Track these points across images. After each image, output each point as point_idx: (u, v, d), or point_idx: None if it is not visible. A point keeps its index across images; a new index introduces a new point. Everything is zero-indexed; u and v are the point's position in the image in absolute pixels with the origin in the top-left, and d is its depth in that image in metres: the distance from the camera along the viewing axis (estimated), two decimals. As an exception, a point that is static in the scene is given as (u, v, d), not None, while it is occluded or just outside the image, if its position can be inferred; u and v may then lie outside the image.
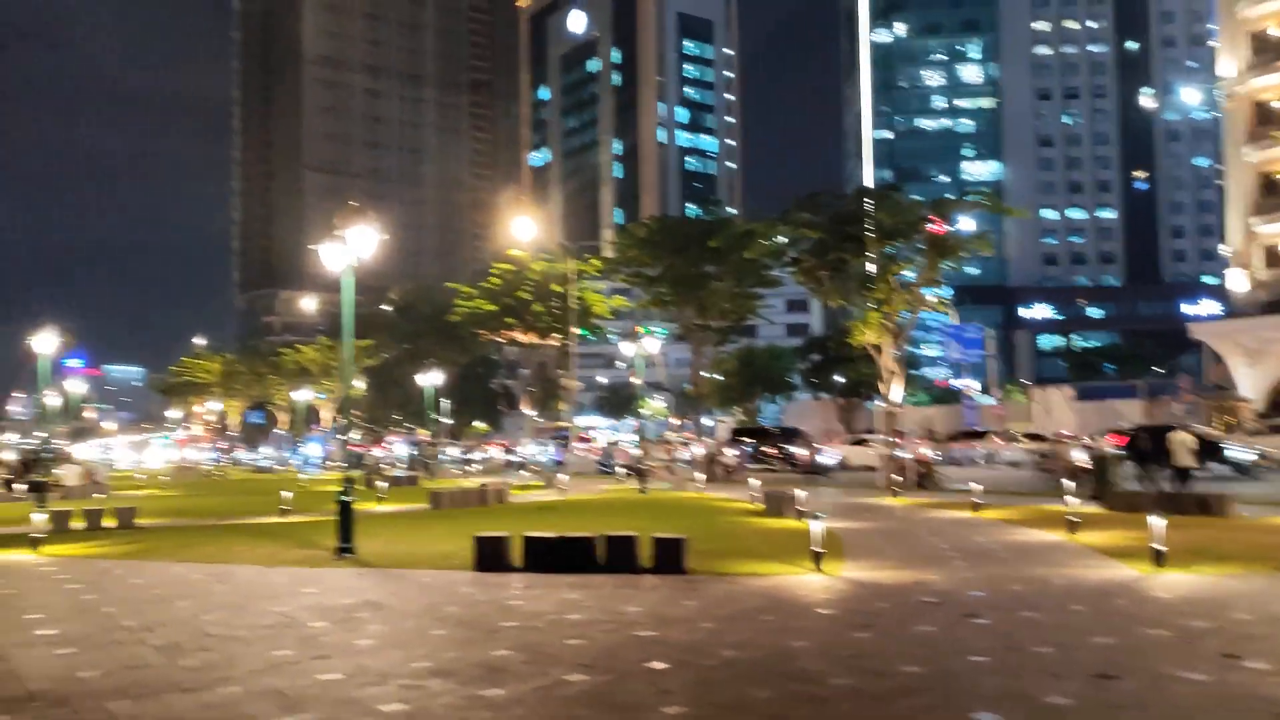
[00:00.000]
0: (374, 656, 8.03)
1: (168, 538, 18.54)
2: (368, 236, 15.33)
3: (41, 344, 30.46)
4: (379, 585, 12.09)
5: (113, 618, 10.06)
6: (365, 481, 35.36)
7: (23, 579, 13.32)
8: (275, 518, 22.55)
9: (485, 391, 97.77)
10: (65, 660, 8.08)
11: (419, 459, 54.61)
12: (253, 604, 10.80)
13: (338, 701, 6.65)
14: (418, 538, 17.65)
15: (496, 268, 61.16)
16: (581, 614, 9.79)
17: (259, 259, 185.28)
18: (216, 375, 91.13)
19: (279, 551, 15.72)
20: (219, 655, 8.19)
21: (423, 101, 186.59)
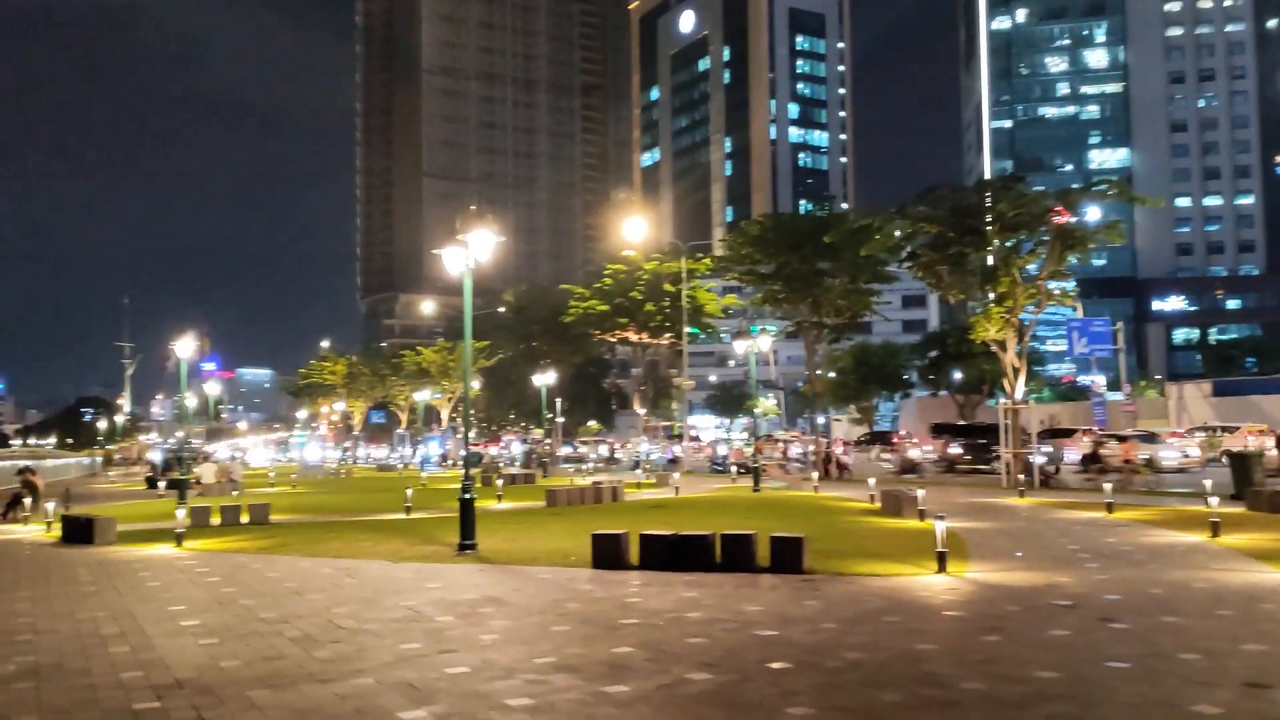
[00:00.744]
0: (499, 651, 8.15)
1: (299, 533, 19.23)
2: (486, 240, 15.60)
3: (182, 349, 31.97)
4: (500, 581, 12.29)
5: (250, 610, 10.48)
6: (483, 479, 36.13)
7: (167, 572, 14.00)
8: (399, 515, 23.18)
9: (598, 391, 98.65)
10: (208, 650, 8.45)
11: (534, 457, 55.49)
12: (381, 598, 11.10)
13: (466, 694, 6.76)
14: (536, 535, 17.88)
15: (609, 268, 61.65)
16: (701, 612, 9.75)
17: (380, 264, 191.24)
18: (341, 377, 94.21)
19: (404, 547, 16.14)
20: (351, 647, 8.44)
21: (536, 106, 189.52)
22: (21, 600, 11.49)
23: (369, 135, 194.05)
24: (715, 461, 46.71)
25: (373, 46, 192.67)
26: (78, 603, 11.25)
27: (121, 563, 15.15)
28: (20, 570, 14.49)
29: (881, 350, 73.98)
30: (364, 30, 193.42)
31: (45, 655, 8.36)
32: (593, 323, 62.40)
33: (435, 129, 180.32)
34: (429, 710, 6.39)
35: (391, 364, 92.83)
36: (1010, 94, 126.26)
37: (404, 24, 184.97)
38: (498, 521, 20.46)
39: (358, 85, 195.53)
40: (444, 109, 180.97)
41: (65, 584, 12.90)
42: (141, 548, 17.20)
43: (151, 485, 42.00)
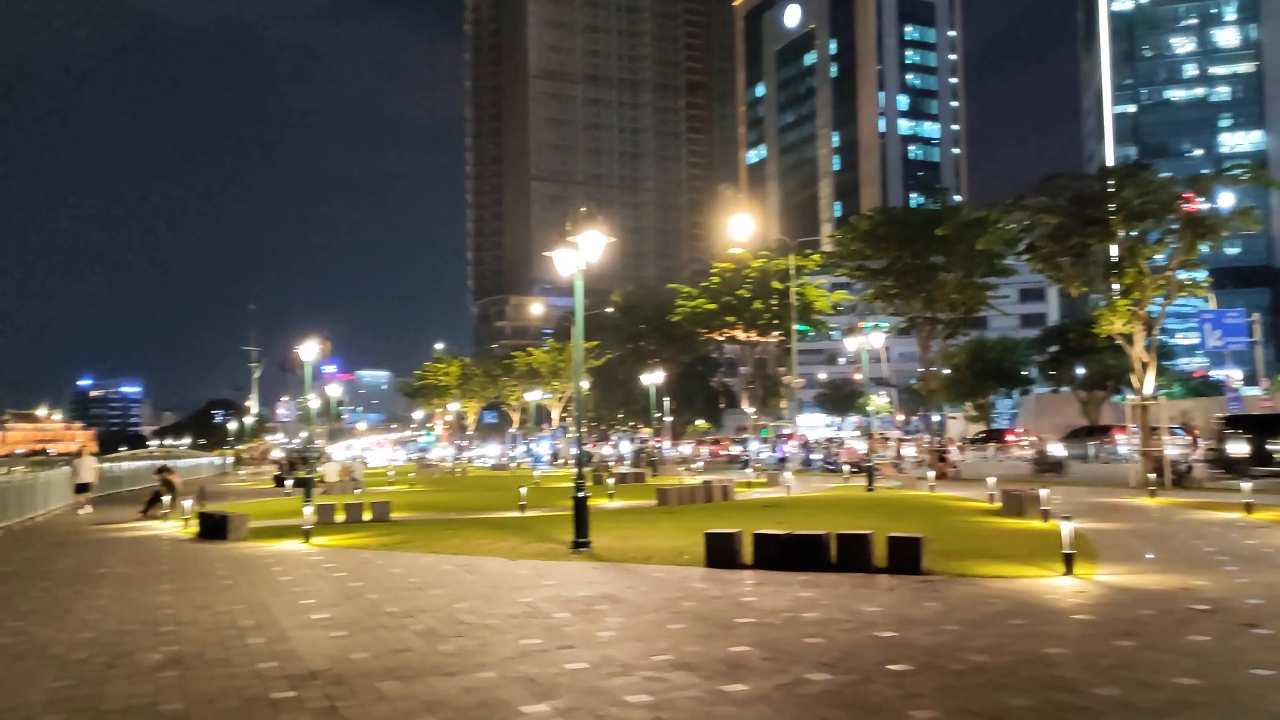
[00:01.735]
0: (616, 648, 8.22)
1: (419, 531, 19.74)
2: (596, 241, 15.74)
3: (306, 352, 33.17)
4: (615, 579, 12.39)
5: (376, 604, 10.81)
6: (593, 478, 36.48)
7: (297, 567, 14.55)
8: (513, 513, 23.59)
9: (706, 390, 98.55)
10: (339, 642, 8.75)
11: (644, 456, 55.72)
12: (499, 594, 11.32)
13: (586, 690, 6.85)
14: (648, 533, 17.96)
15: (716, 266, 61.49)
16: (817, 612, 9.65)
17: (490, 267, 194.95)
18: (455, 378, 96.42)
19: (520, 545, 16.42)
20: (473, 642, 8.63)
21: (641, 107, 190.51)
22: (164, 593, 12.10)
23: (478, 141, 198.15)
24: (827, 461, 46.11)
25: (481, 54, 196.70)
26: (215, 595, 11.79)
27: (254, 557, 15.82)
28: (162, 564, 15.26)
29: (998, 346, 72.01)
30: (473, 38, 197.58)
31: (188, 645, 8.79)
32: (700, 321, 62.37)
33: (542, 132, 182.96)
34: (551, 705, 6.49)
35: (503, 365, 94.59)
36: (1133, 77, 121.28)
37: (511, 30, 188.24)
38: (610, 520, 20.63)
39: (467, 92, 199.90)
40: (551, 113, 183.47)
41: (203, 577, 13.53)
42: (272, 543, 17.92)
43: (279, 484, 43.69)
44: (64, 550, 17.67)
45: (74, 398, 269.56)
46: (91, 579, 13.57)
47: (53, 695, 7.08)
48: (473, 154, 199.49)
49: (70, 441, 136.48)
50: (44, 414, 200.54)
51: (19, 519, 23.29)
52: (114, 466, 43.95)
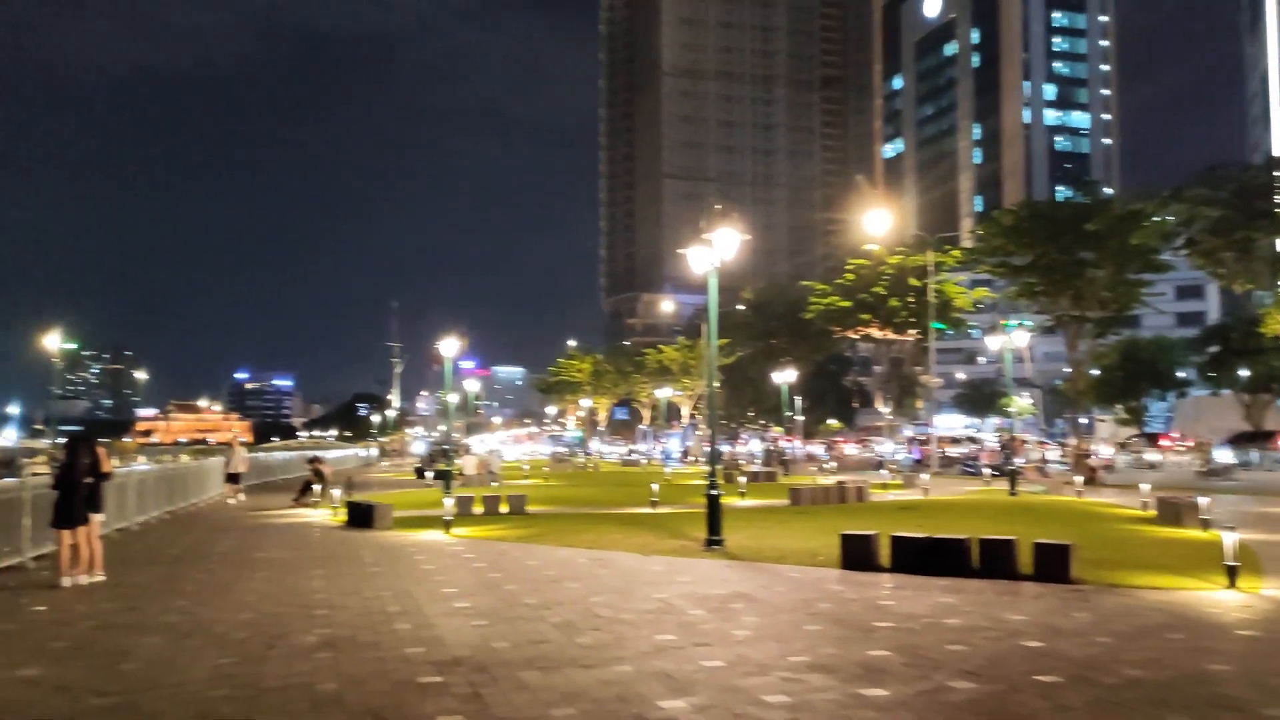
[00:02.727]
0: (752, 647, 8.18)
1: (554, 524, 20.10)
2: (731, 238, 15.69)
3: (446, 348, 34.21)
4: (748, 578, 12.33)
5: (515, 595, 11.06)
6: (724, 476, 36.40)
7: (438, 556, 15.01)
8: (645, 509, 23.75)
9: (838, 389, 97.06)
10: (480, 631, 8.98)
11: (775, 454, 55.29)
12: (634, 589, 11.42)
13: (722, 688, 6.84)
14: (781, 533, 17.82)
15: (851, 263, 60.39)
16: (960, 619, 9.38)
17: (622, 265, 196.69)
18: (587, 375, 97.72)
19: (653, 541, 16.52)
20: (609, 635, 8.73)
21: (774, 102, 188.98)
22: (316, 578, 12.66)
23: (612, 139, 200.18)
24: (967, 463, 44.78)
25: (615, 53, 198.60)
26: (363, 582, 12.27)
27: (398, 546, 16.39)
28: (313, 550, 15.98)
29: (1152, 345, 68.50)
30: (607, 38, 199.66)
31: (340, 629, 9.18)
32: (833, 319, 61.39)
33: (675, 130, 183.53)
34: (688, 701, 6.50)
35: (634, 362, 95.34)
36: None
37: (645, 29, 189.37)
38: (742, 518, 20.54)
39: (601, 91, 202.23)
40: (683, 110, 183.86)
41: (351, 564, 14.10)
42: (414, 533, 18.54)
43: (419, 475, 45.20)
44: (224, 535, 18.68)
45: (231, 390, 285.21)
46: (249, 562, 14.31)
47: (217, 672, 7.50)
48: (606, 152, 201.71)
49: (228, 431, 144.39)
50: (204, 405, 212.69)
51: (183, 504, 24.74)
52: (266, 456, 46.25)
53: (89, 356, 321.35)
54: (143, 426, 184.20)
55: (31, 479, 14.62)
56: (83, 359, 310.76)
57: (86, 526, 12.35)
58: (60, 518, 12.21)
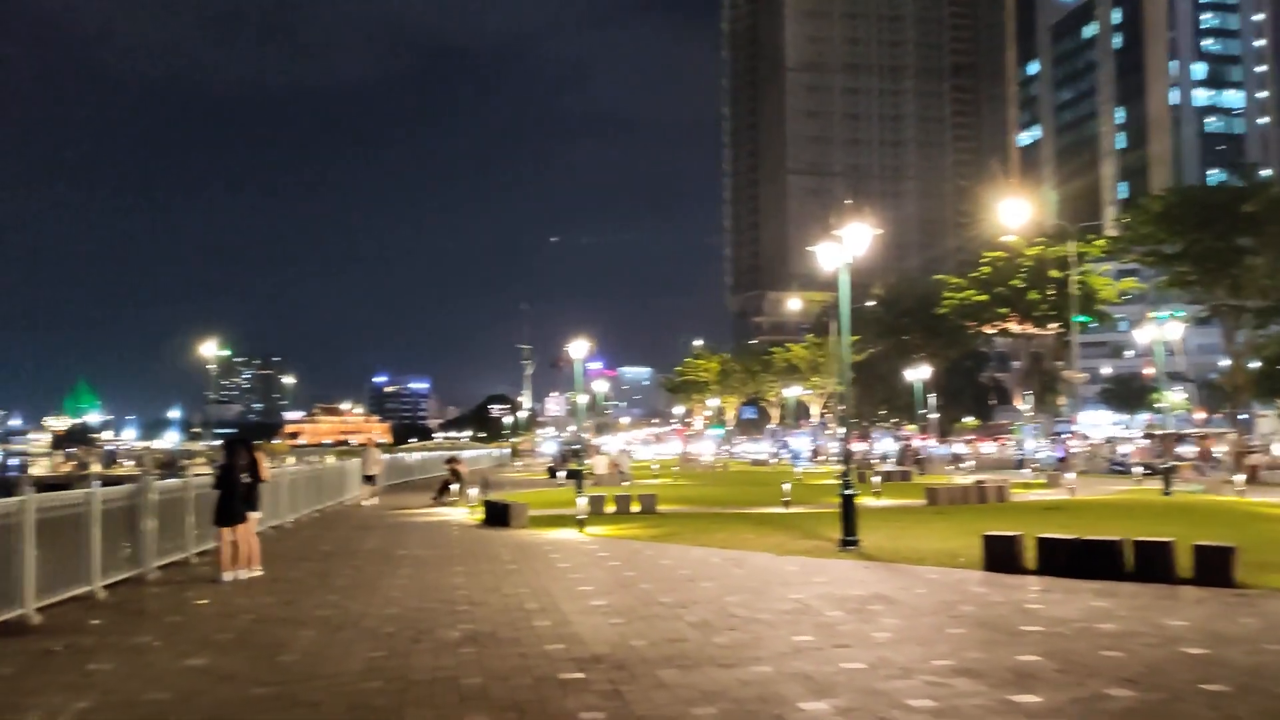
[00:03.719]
0: (893, 650, 8.01)
1: (685, 523, 20.14)
2: (862, 234, 15.41)
3: (575, 350, 34.72)
4: (886, 579, 12.08)
5: (650, 594, 11.12)
6: (858, 476, 35.76)
7: (573, 555, 15.24)
8: (777, 509, 23.56)
9: (974, 385, 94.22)
10: (617, 629, 9.07)
11: (909, 453, 54.07)
12: (769, 589, 11.33)
13: (864, 691, 6.71)
14: (918, 533, 17.42)
15: (986, 255, 58.56)
16: (1114, 624, 8.97)
17: (747, 263, 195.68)
18: (714, 374, 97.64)
19: (786, 541, 16.37)
20: (747, 635, 8.68)
21: (902, 93, 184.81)
22: (457, 574, 13.02)
23: (735, 137, 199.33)
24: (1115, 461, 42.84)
25: (738, 50, 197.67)
26: (502, 579, 12.55)
27: (534, 544, 16.71)
28: (453, 548, 16.43)
29: (1318, 335, 64.14)
30: (730, 36, 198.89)
31: (482, 624, 9.41)
32: (969, 314, 59.66)
33: (799, 125, 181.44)
34: (830, 703, 6.41)
35: (762, 360, 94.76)
36: None
37: (768, 25, 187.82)
38: (877, 518, 20.14)
39: (724, 89, 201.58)
40: (808, 105, 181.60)
41: (490, 561, 14.44)
42: (549, 531, 18.86)
43: (552, 475, 45.98)
44: (369, 533, 19.41)
45: (371, 393, 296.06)
46: (393, 559, 14.82)
47: (369, 664, 7.79)
48: (729, 151, 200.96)
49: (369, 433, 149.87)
50: (346, 408, 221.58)
51: (330, 503, 25.81)
52: (405, 456, 47.85)
53: (240, 363, 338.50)
54: (290, 429, 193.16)
55: (194, 479, 15.49)
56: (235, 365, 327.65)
57: (245, 524, 13.02)
58: (221, 516, 12.92)
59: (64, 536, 10.69)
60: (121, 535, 12.36)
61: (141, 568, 12.72)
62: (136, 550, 12.71)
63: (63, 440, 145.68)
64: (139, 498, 12.84)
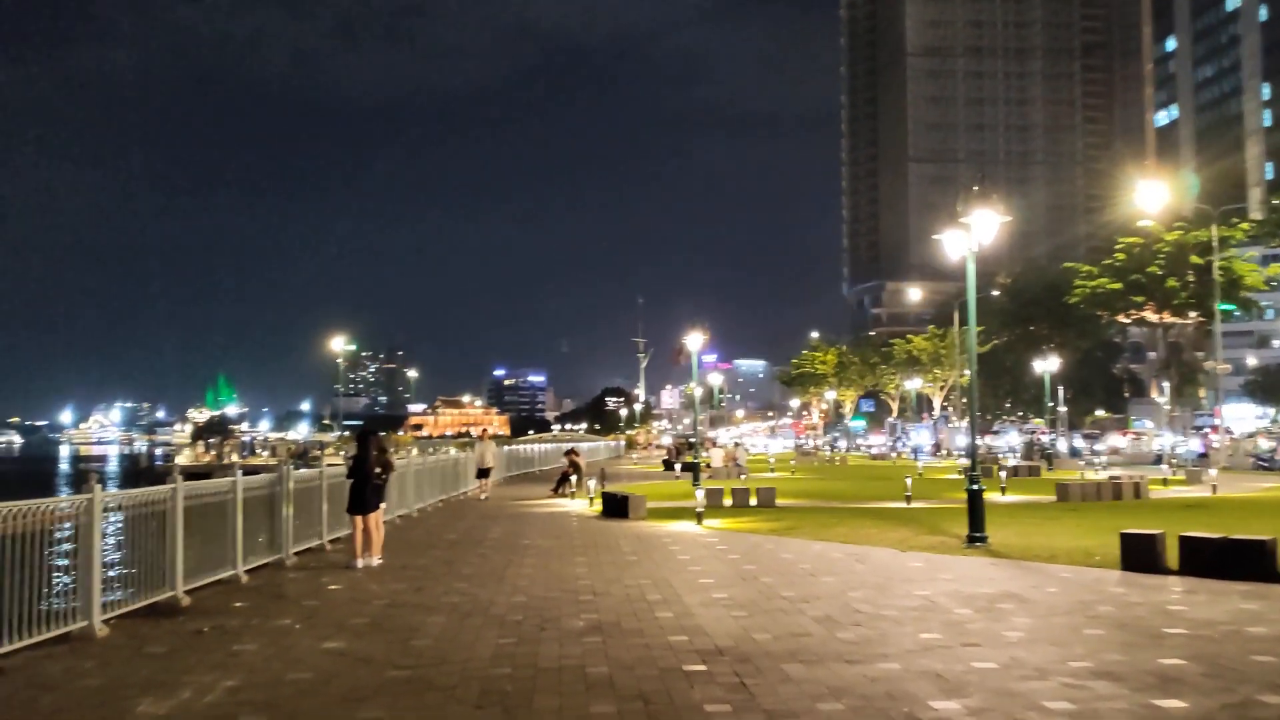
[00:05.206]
0: (1026, 650, 7.76)
1: (805, 517, 19.93)
2: (989, 221, 14.94)
3: (691, 343, 34.67)
4: (1016, 577, 11.72)
5: (771, 588, 11.05)
6: (983, 471, 34.76)
7: (692, 547, 15.25)
8: (898, 503, 23.11)
9: (1106, 377, 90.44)
10: (740, 622, 9.04)
11: (1037, 448, 52.31)
12: (893, 585, 11.12)
13: (997, 691, 6.53)
14: (1049, 530, 16.84)
15: (1120, 241, 56.11)
16: (1266, 627, 8.50)
17: (866, 254, 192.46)
18: (831, 366, 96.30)
19: (909, 536, 16.03)
20: (872, 631, 8.55)
21: (1029, 75, 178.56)
22: (580, 565, 13.19)
23: (854, 126, 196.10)
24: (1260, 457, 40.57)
25: (857, 38, 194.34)
26: (623, 570, 12.66)
27: (653, 536, 16.80)
28: (574, 539, 16.65)
29: None
30: (848, 23, 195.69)
31: (605, 614, 9.51)
32: (1101, 302, 57.32)
33: (920, 112, 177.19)
34: (961, 703, 6.25)
35: (880, 352, 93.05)
36: None
37: (888, 11, 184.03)
38: (1005, 514, 19.55)
39: (843, 78, 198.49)
40: (929, 91, 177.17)
41: (610, 552, 14.58)
42: (667, 524, 18.92)
43: (668, 467, 46.10)
44: (492, 522, 19.83)
45: (491, 386, 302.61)
46: (517, 549, 15.11)
47: (498, 650, 7.96)
48: (848, 140, 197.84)
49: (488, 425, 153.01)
50: (467, 400, 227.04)
51: (454, 493, 26.48)
52: (523, 448, 48.70)
53: (367, 357, 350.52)
54: (414, 421, 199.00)
55: (327, 469, 16.09)
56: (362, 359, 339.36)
57: (375, 513, 13.47)
58: (354, 504, 13.40)
59: (209, 523, 11.25)
60: (261, 522, 12.95)
61: (280, 553, 13.30)
62: (274, 536, 13.29)
63: (203, 431, 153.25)
64: (277, 486, 13.41)
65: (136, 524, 9.84)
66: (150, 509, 10.02)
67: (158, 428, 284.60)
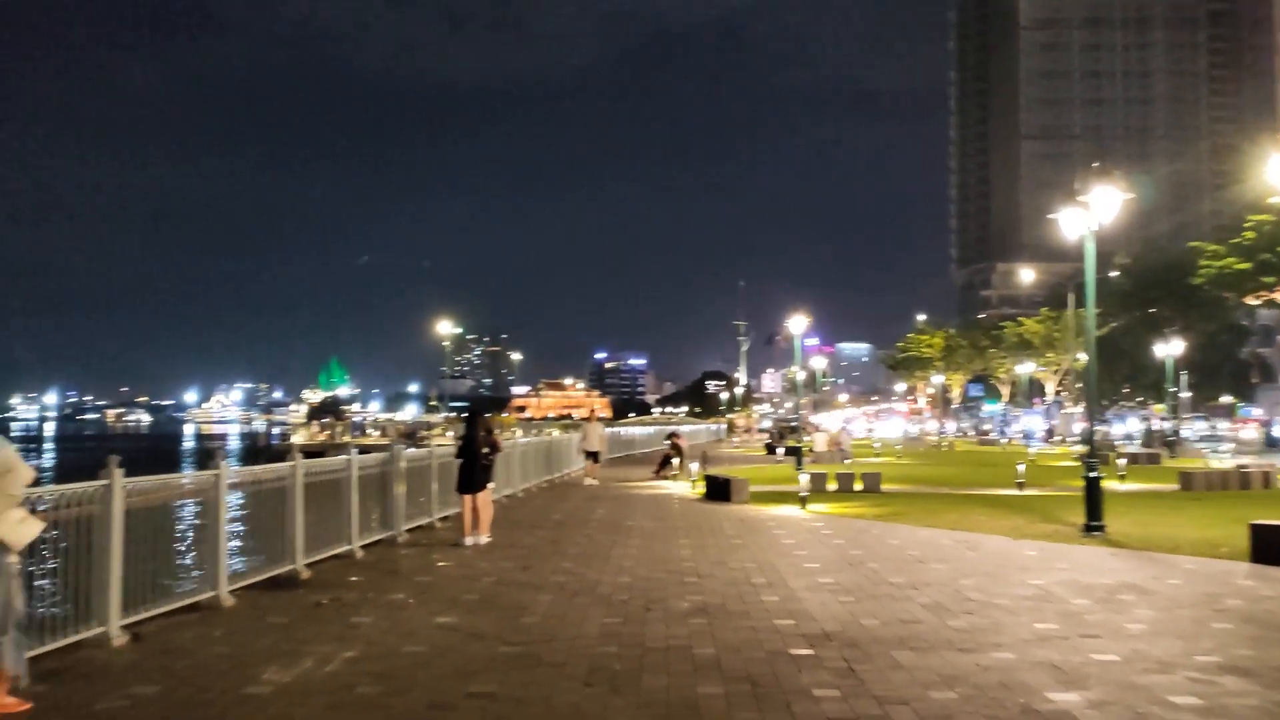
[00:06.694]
0: (1149, 643, 7.48)
1: (911, 503, 19.59)
2: (1111, 198, 14.37)
3: (794, 326, 34.36)
4: (1137, 568, 11.31)
5: (878, 573, 10.90)
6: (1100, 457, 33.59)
7: (796, 531, 15.14)
8: (1009, 490, 22.50)
9: (1233, 362, 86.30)
10: (847, 607, 8.94)
11: (1158, 435, 50.35)
12: (1006, 574, 10.85)
13: (1119, 684, 6.31)
14: (1172, 520, 16.22)
15: (1251, 219, 53.32)
16: None
17: (975, 234, 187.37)
18: (938, 350, 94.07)
19: (1022, 524, 15.61)
20: (984, 620, 8.35)
21: (1151, 46, 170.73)
22: (684, 547, 13.22)
23: (963, 104, 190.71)
24: None
25: (966, 12, 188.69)
26: (727, 553, 12.64)
27: (756, 520, 16.74)
28: (677, 521, 16.70)
29: None
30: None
31: (710, 596, 9.51)
32: (1228, 283, 54.38)
33: (1034, 87, 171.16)
34: (1081, 695, 6.07)
35: (990, 336, 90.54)
36: None
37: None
38: (1123, 503, 18.85)
39: (951, 53, 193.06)
40: (1043, 65, 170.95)
41: (714, 535, 14.58)
42: (770, 507, 18.82)
43: (770, 451, 45.83)
44: (596, 503, 20.04)
45: (592, 369, 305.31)
46: (622, 530, 15.24)
47: (604, 630, 8.05)
48: (956, 118, 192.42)
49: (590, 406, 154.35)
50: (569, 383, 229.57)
51: (557, 475, 26.82)
52: (624, 431, 49.06)
53: (472, 340, 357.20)
54: (517, 403, 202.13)
55: (437, 449, 16.47)
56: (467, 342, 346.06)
57: (483, 492, 13.74)
58: (463, 484, 13.69)
59: (326, 500, 11.65)
60: (374, 500, 13.34)
61: (392, 530, 13.68)
62: (387, 514, 13.68)
63: (316, 411, 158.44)
64: (390, 466, 13.79)
65: (260, 500, 10.27)
66: (272, 485, 10.44)
67: (274, 408, 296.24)
